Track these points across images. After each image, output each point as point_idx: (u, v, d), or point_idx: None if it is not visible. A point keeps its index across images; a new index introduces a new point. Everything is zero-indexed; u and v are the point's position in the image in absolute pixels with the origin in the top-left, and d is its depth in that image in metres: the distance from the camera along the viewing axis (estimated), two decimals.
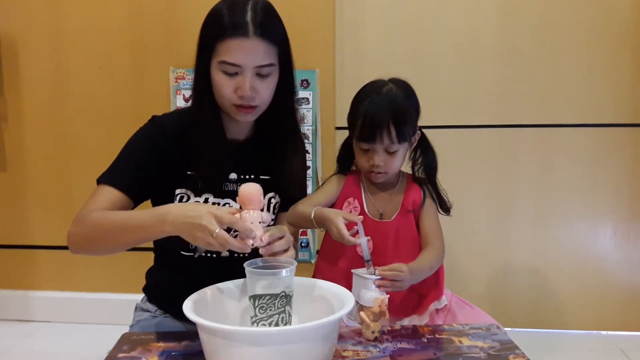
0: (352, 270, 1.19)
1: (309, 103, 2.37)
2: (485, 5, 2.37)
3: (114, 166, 1.26)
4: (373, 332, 1.10)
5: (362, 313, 1.12)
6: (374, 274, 1.16)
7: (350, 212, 1.37)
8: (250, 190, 1.02)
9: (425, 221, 1.38)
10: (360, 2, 2.41)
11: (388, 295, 1.14)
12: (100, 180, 1.24)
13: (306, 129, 2.38)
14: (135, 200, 1.26)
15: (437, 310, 1.38)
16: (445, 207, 1.42)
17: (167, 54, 2.42)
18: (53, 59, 2.49)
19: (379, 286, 1.15)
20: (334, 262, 1.39)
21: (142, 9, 2.42)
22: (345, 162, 1.48)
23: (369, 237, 1.33)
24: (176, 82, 2.41)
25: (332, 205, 1.41)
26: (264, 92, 1.21)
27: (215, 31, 1.18)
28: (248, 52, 1.16)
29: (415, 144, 1.41)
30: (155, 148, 1.25)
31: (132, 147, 1.28)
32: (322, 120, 2.39)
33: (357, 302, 1.14)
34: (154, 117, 1.31)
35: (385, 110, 1.30)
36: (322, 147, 2.39)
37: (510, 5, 2.36)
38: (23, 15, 2.47)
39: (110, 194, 1.21)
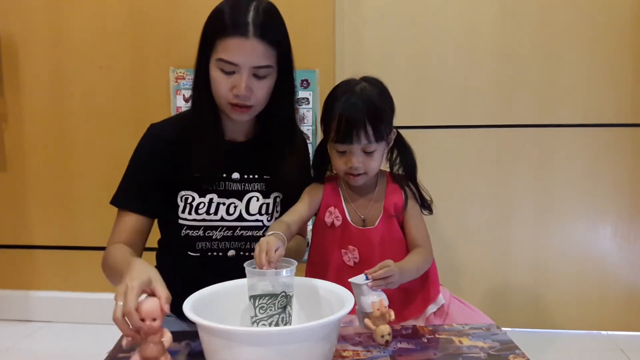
0: (349, 280, 1.15)
1: (309, 103, 2.37)
2: (485, 5, 2.37)
3: (124, 187, 1.31)
4: (383, 337, 1.08)
5: (366, 320, 1.10)
6: (366, 278, 1.13)
7: (332, 222, 1.33)
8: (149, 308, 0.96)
9: (411, 225, 1.34)
10: (360, 2, 2.41)
11: (385, 296, 1.12)
12: (116, 204, 1.30)
13: (306, 129, 2.38)
14: (153, 215, 1.32)
15: (434, 313, 1.37)
16: (426, 206, 1.38)
17: (167, 54, 2.42)
18: (53, 59, 2.49)
19: (372, 287, 1.13)
20: (321, 271, 1.36)
21: (142, 9, 2.42)
22: (320, 168, 1.42)
23: (355, 248, 1.31)
24: (176, 82, 2.41)
25: (315, 216, 1.38)
26: (259, 92, 1.22)
27: (216, 28, 1.20)
28: (246, 52, 1.17)
29: (391, 144, 1.36)
30: (155, 158, 1.29)
31: (135, 163, 1.32)
32: None
33: (361, 312, 1.13)
34: (150, 126, 1.33)
35: (360, 109, 1.25)
36: None
37: (510, 6, 2.36)
38: (23, 15, 2.47)
39: (130, 220, 1.28)
